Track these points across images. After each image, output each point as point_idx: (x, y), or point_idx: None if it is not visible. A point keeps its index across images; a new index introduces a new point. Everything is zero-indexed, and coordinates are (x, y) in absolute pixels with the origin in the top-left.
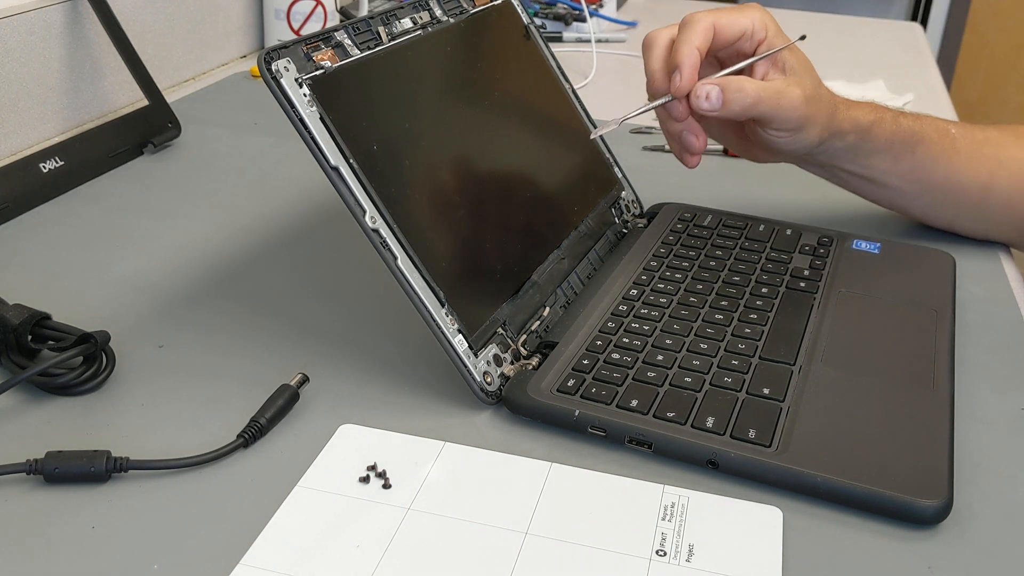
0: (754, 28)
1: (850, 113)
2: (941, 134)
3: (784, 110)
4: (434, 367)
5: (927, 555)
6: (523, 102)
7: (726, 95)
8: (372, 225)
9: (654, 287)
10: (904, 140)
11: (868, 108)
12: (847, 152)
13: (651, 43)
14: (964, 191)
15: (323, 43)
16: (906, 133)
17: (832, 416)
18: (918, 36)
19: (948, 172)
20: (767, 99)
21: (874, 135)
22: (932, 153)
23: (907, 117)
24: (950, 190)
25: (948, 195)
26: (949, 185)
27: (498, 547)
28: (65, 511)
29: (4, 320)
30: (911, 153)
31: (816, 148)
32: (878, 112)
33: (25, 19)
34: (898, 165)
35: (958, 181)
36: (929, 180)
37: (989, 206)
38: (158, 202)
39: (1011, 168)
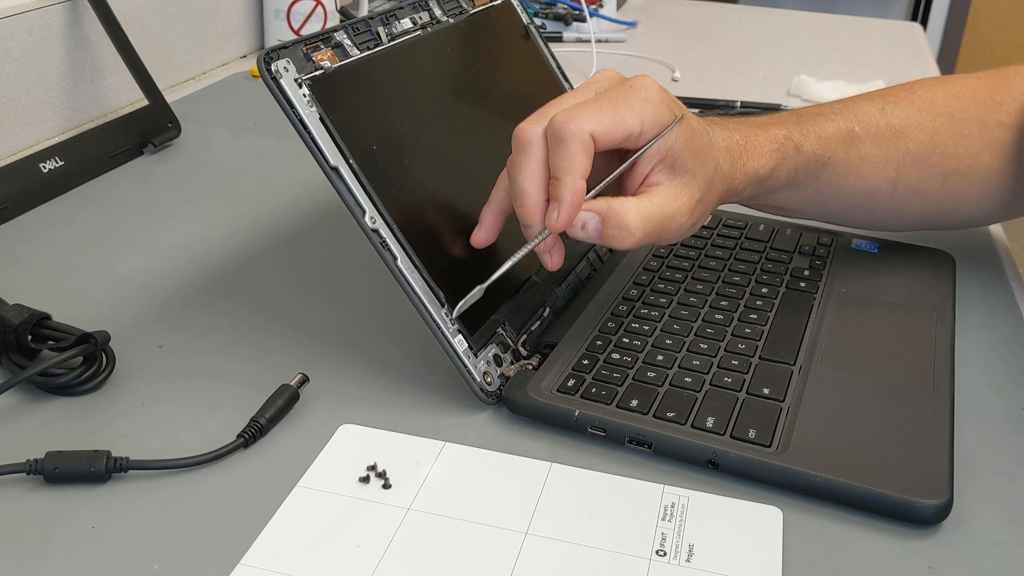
0: (642, 130)
1: (748, 168)
2: (846, 145)
3: (673, 235)
4: (434, 367)
5: (927, 555)
6: (523, 102)
7: (605, 230)
8: (372, 225)
9: (654, 287)
10: (808, 170)
11: (768, 150)
12: (743, 201)
13: (524, 148)
14: (872, 195)
15: (323, 43)
16: (810, 163)
17: (832, 416)
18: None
19: (855, 184)
20: (652, 234)
21: (774, 179)
22: (838, 171)
23: (811, 140)
24: (857, 197)
25: (856, 202)
26: (856, 194)
27: (498, 547)
28: (65, 511)
29: (4, 320)
30: (815, 179)
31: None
32: (780, 151)
33: (25, 19)
34: (800, 193)
35: (865, 188)
36: (835, 195)
37: (898, 202)
38: (158, 202)
39: (916, 155)
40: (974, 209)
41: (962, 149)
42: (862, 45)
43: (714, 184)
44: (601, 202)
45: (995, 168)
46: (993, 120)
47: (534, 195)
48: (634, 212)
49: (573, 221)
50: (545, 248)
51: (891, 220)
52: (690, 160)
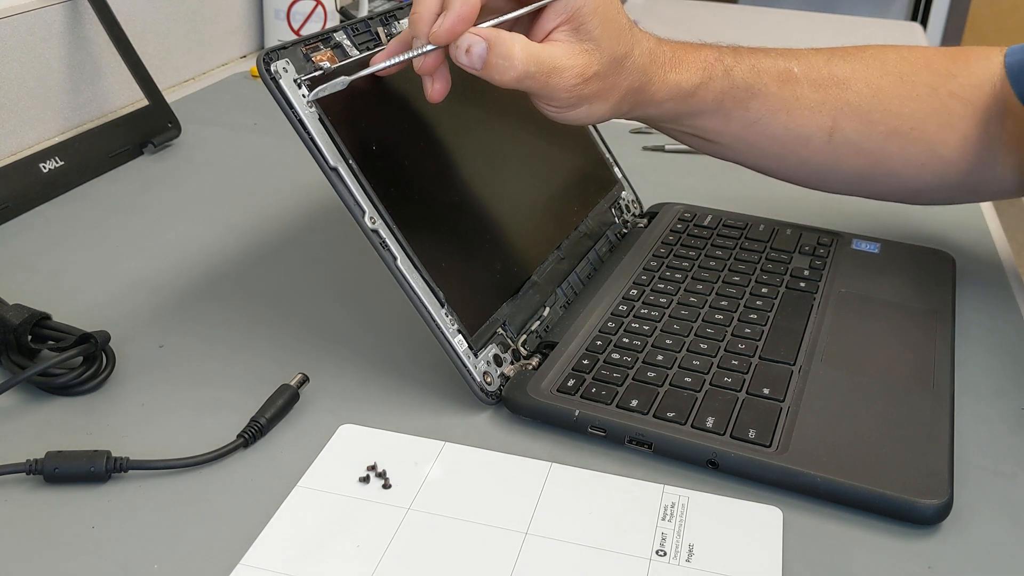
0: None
1: (670, 78)
2: (781, 82)
3: (555, 90)
4: (434, 367)
5: (927, 555)
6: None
7: (489, 57)
8: (371, 226)
9: (654, 287)
10: (736, 97)
11: (695, 65)
12: (665, 117)
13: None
14: (806, 142)
15: (322, 44)
16: (739, 89)
17: (832, 416)
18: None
19: (787, 124)
20: (535, 76)
21: (699, 98)
22: (769, 106)
23: (743, 67)
24: (790, 141)
25: (787, 146)
26: (789, 136)
27: (498, 547)
28: (65, 511)
29: (4, 320)
30: (744, 109)
31: (618, 116)
32: (707, 67)
33: (25, 19)
34: (729, 124)
35: (798, 133)
36: (766, 134)
37: (834, 154)
38: (158, 202)
39: (856, 107)
40: (916, 176)
41: (907, 111)
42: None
43: (623, 69)
44: (491, 30)
45: (942, 139)
46: (945, 89)
47: (429, 7)
48: (521, 46)
49: (459, 41)
50: (427, 68)
51: (827, 174)
52: (597, 30)
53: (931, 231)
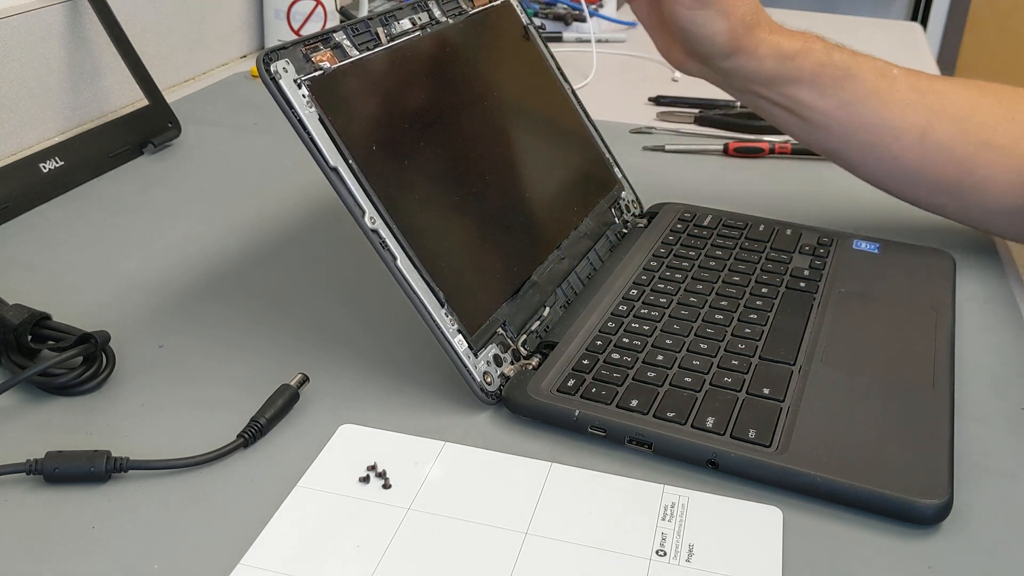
0: None
1: (772, 38)
2: (879, 74)
3: None
4: (434, 367)
5: (927, 555)
6: (522, 102)
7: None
8: (371, 225)
9: (654, 287)
10: (833, 74)
11: (797, 37)
12: (764, 77)
13: None
14: (898, 135)
15: (322, 44)
16: (837, 67)
17: (832, 416)
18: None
19: (881, 112)
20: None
21: (797, 64)
22: (865, 90)
23: (843, 52)
24: (882, 132)
25: (879, 137)
26: (882, 126)
27: (498, 547)
28: (65, 511)
29: (4, 320)
30: (840, 88)
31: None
32: (808, 42)
33: (25, 19)
34: (823, 99)
35: (892, 125)
36: (859, 119)
37: (924, 156)
38: (158, 202)
39: (952, 115)
40: (1003, 195)
41: (1001, 127)
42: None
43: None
44: None
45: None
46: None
47: None
48: None
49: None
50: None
51: (917, 178)
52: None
53: (931, 231)
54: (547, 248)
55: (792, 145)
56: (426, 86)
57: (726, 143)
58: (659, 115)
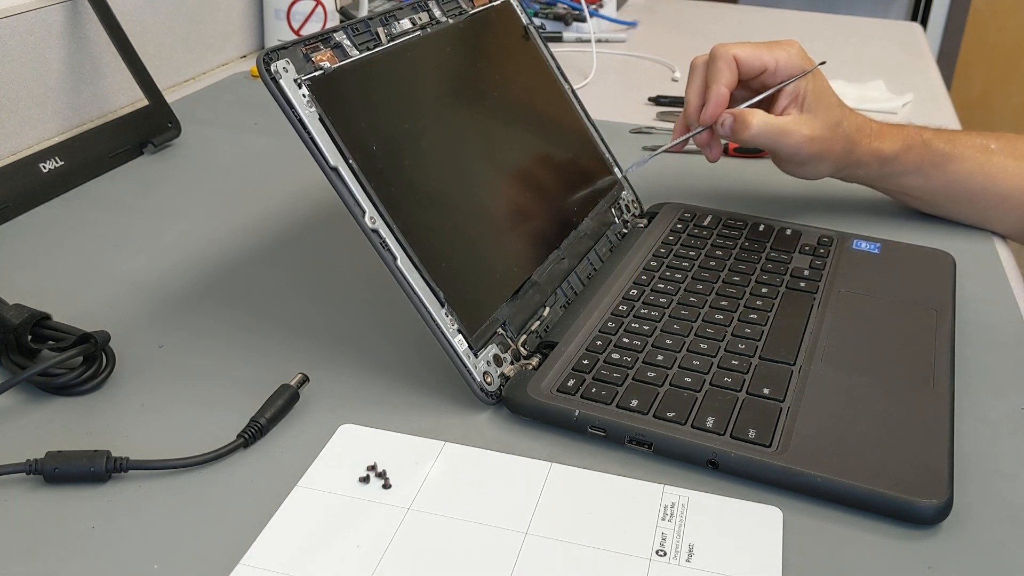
0: (777, 66)
1: (873, 146)
2: (978, 150)
3: (785, 146)
4: (434, 367)
5: (927, 555)
6: (522, 102)
7: (735, 126)
8: (372, 225)
9: (654, 287)
10: (935, 162)
11: (897, 137)
12: (871, 177)
13: (692, 71)
14: (1005, 198)
15: (322, 44)
16: (938, 155)
17: (832, 416)
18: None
19: (985, 183)
20: (767, 134)
21: (901, 162)
22: (967, 168)
23: (942, 139)
24: (990, 198)
25: (988, 202)
26: (988, 193)
27: (498, 547)
28: (65, 511)
29: (4, 320)
30: (942, 171)
31: (836, 175)
32: (907, 139)
33: (25, 19)
34: (929, 183)
35: (996, 191)
36: (966, 191)
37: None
38: (158, 202)
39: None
40: None
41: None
42: (862, 45)
43: (836, 134)
44: (737, 109)
45: None
46: None
47: (694, 101)
48: (757, 117)
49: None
50: (702, 142)
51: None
52: (815, 104)
53: (931, 231)
54: (547, 248)
55: None
56: (426, 86)
57: (726, 143)
58: (659, 115)
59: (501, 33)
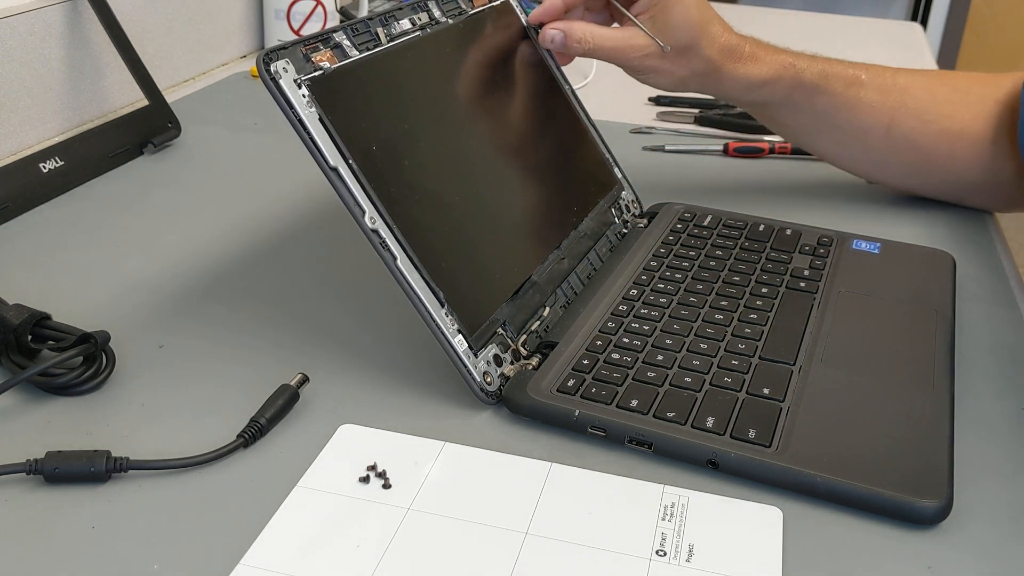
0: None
1: (740, 71)
2: (847, 84)
3: (622, 61)
4: (434, 367)
5: (927, 555)
6: (522, 102)
7: (568, 40)
8: (371, 225)
9: (654, 287)
10: (804, 93)
11: (769, 65)
12: (737, 99)
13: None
14: (865, 133)
15: (322, 44)
16: (807, 87)
17: (832, 416)
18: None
19: (850, 118)
20: (609, 50)
21: (769, 90)
22: (834, 103)
23: (814, 71)
24: (851, 132)
25: (849, 136)
26: (851, 128)
27: (498, 547)
28: (65, 511)
29: (4, 320)
30: (810, 103)
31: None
32: (779, 70)
33: (25, 19)
34: (796, 115)
35: (859, 126)
36: (830, 124)
37: (891, 147)
38: (158, 202)
39: (913, 109)
40: (967, 171)
41: (958, 113)
42: (862, 45)
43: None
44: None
45: (990, 138)
46: (992, 97)
47: None
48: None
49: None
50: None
51: (885, 165)
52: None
53: (931, 231)
54: (547, 248)
55: (792, 145)
56: (426, 86)
57: (726, 143)
58: (659, 115)
59: (500, 33)
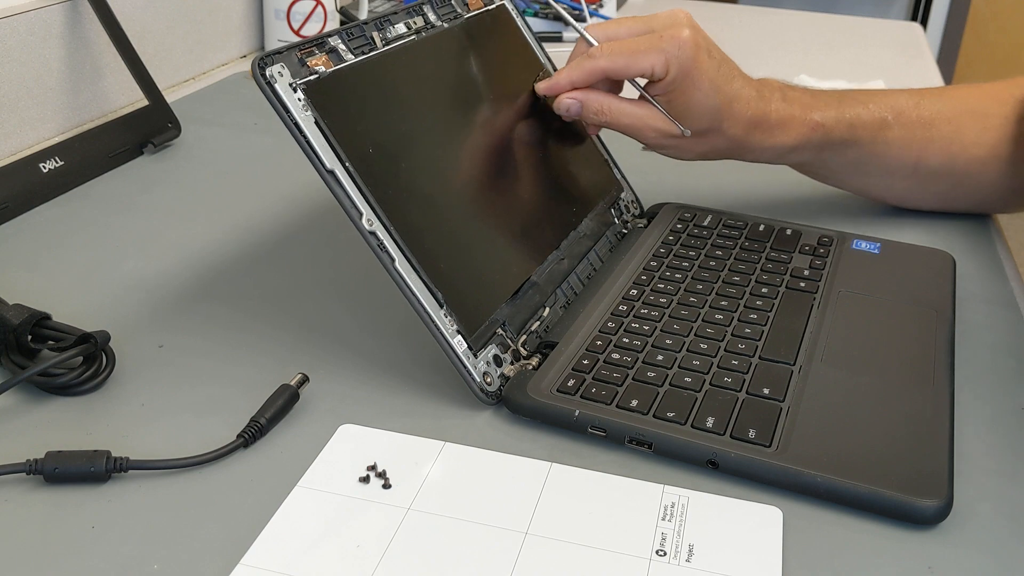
0: (653, 72)
1: (767, 142)
2: (874, 130)
3: (640, 139)
4: (434, 367)
5: (927, 555)
6: (518, 104)
7: (584, 111)
8: (369, 227)
9: (654, 287)
10: (833, 149)
11: (797, 133)
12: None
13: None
14: (894, 172)
15: (317, 48)
16: (836, 142)
17: (832, 416)
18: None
19: (879, 163)
20: (625, 126)
21: (798, 154)
22: (863, 152)
23: (840, 127)
24: (880, 173)
25: (878, 177)
26: (880, 171)
27: (498, 547)
28: (65, 511)
29: (4, 320)
30: (840, 156)
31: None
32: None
33: (25, 19)
34: (824, 169)
35: (888, 166)
36: (859, 170)
37: (918, 180)
38: (158, 202)
39: (939, 144)
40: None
41: (983, 138)
42: (862, 45)
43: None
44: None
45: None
46: (1014, 115)
47: None
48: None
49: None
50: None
51: (912, 195)
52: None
53: (931, 231)
54: (547, 248)
55: None
56: (422, 89)
57: None
58: None
59: (496, 36)
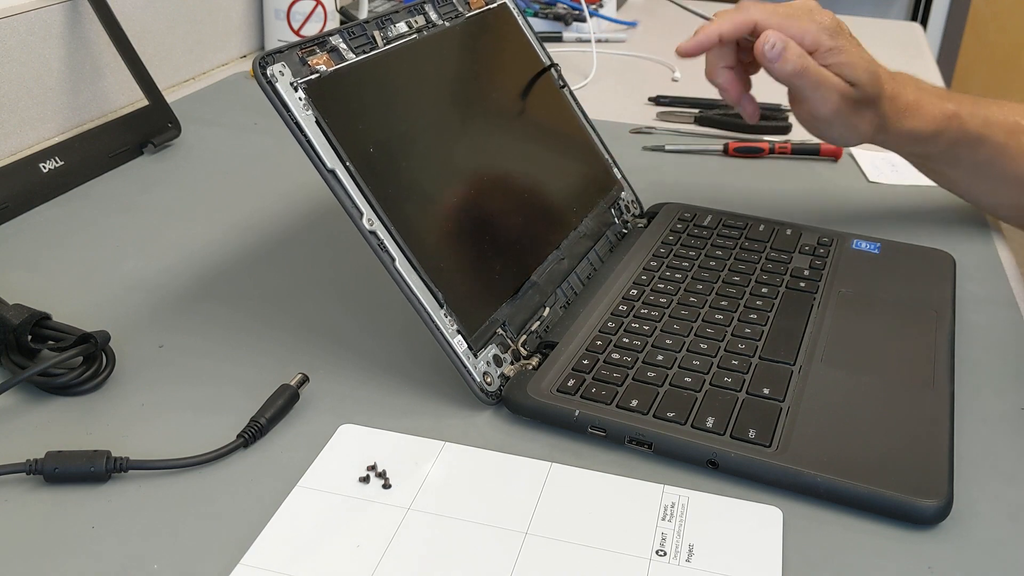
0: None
1: (904, 125)
2: (1009, 134)
3: (817, 96)
4: (435, 367)
5: (927, 555)
6: (519, 104)
7: (786, 54)
8: (369, 227)
9: (654, 287)
10: (966, 144)
11: (931, 119)
12: (901, 152)
13: None
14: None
15: (318, 47)
16: (970, 137)
17: (832, 416)
18: (918, 36)
19: (1008, 169)
20: (814, 75)
21: (932, 143)
22: (996, 154)
23: (975, 121)
24: (1009, 185)
25: (1005, 183)
26: (1009, 180)
27: (498, 547)
28: (65, 511)
29: (4, 320)
30: (972, 154)
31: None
32: (944, 123)
33: (25, 19)
34: (956, 167)
35: (1017, 176)
36: (990, 173)
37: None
38: (158, 202)
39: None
40: None
41: None
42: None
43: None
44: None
45: None
46: None
47: None
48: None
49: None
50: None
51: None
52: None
53: (931, 231)
54: (547, 248)
55: (792, 145)
56: (423, 88)
57: (726, 143)
58: (659, 115)
59: (497, 35)
